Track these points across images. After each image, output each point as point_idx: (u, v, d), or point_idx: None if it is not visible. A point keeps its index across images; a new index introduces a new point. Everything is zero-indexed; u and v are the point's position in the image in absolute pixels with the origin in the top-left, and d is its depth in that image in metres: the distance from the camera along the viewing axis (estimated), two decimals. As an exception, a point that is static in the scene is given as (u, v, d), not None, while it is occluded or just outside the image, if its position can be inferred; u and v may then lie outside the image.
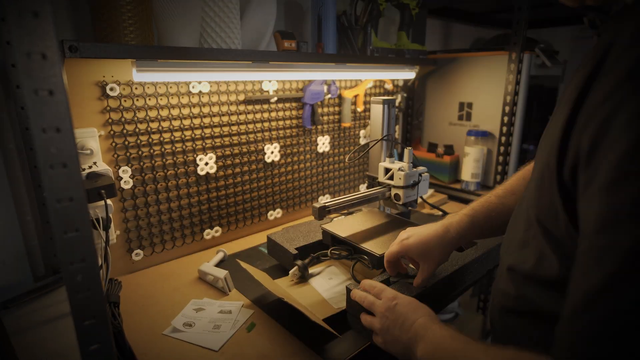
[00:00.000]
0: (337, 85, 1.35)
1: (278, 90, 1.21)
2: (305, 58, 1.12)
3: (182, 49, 0.87)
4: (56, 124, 0.37)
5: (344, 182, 1.52)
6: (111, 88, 0.91)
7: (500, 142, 1.38)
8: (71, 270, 0.40)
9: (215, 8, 0.93)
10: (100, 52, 0.76)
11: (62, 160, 0.38)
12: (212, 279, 0.93)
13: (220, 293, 0.91)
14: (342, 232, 0.94)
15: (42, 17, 0.35)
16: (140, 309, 0.85)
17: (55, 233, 0.39)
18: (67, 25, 0.92)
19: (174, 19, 0.86)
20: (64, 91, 0.37)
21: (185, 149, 1.06)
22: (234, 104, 1.13)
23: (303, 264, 0.91)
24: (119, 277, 0.96)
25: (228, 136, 1.14)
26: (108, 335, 0.44)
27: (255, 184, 1.24)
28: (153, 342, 0.74)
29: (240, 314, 0.82)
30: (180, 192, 1.07)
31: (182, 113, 1.03)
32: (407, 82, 1.66)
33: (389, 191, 1.03)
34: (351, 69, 1.28)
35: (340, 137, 1.45)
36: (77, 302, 0.41)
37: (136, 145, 0.98)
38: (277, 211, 1.32)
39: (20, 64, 0.35)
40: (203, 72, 0.96)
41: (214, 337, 0.75)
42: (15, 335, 0.75)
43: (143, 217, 1.02)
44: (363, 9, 1.29)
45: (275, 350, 0.72)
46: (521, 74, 1.31)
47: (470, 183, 1.53)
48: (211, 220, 1.16)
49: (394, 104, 1.11)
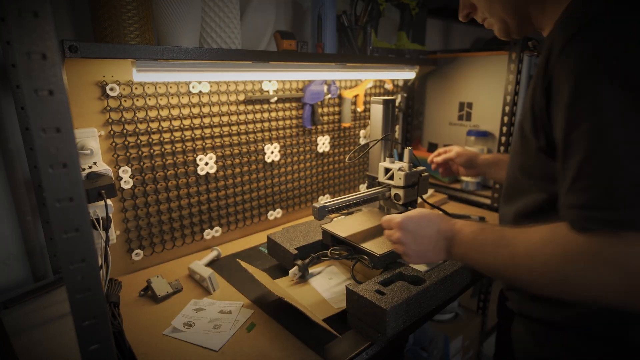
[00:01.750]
0: (337, 85, 1.35)
1: (278, 90, 1.21)
2: (305, 58, 1.12)
3: (182, 49, 0.87)
4: (56, 124, 0.37)
5: (343, 182, 1.52)
6: (111, 88, 0.91)
7: (500, 142, 1.38)
8: (71, 270, 0.40)
9: (215, 8, 0.93)
10: (100, 52, 0.76)
11: (62, 160, 0.38)
12: (199, 278, 0.94)
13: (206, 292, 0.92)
14: (342, 232, 0.94)
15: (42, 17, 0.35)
16: (140, 309, 0.85)
17: (55, 233, 0.39)
18: (67, 25, 0.92)
19: (174, 19, 0.86)
20: (64, 91, 0.37)
21: (185, 149, 1.06)
22: (234, 104, 1.13)
23: (303, 264, 0.91)
24: (119, 277, 0.96)
25: (228, 136, 1.14)
26: (108, 335, 0.44)
27: (255, 184, 1.24)
28: (153, 342, 0.74)
29: (240, 314, 0.82)
30: (180, 192, 1.07)
31: (182, 113, 1.03)
32: (407, 82, 1.65)
33: (389, 191, 1.03)
34: (351, 69, 1.28)
35: (340, 137, 1.45)
36: (77, 302, 0.41)
37: (136, 145, 0.98)
38: (277, 211, 1.32)
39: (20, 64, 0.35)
40: (203, 72, 0.96)
41: (214, 337, 0.75)
42: (15, 335, 0.75)
43: (143, 217, 1.02)
44: (363, 9, 1.29)
45: (275, 350, 0.72)
46: (521, 74, 1.31)
47: (470, 183, 1.53)
48: (211, 220, 1.16)
49: (394, 103, 1.11)
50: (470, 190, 1.53)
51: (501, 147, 1.37)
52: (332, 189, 1.48)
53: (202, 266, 0.97)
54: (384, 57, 1.35)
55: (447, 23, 2.06)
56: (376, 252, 0.84)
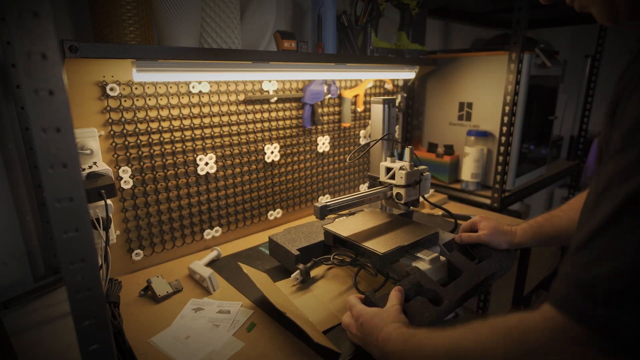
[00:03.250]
0: (337, 85, 1.35)
1: (278, 90, 1.21)
2: (305, 58, 1.12)
3: (182, 49, 0.87)
4: (56, 124, 0.37)
5: (344, 182, 1.52)
6: (111, 88, 0.91)
7: (500, 142, 1.38)
8: (71, 270, 0.40)
9: (216, 8, 0.93)
10: (100, 52, 0.76)
11: (62, 160, 0.38)
12: (199, 278, 0.94)
13: (206, 292, 0.92)
14: (344, 232, 0.94)
15: (42, 17, 0.35)
16: (140, 309, 0.85)
17: (55, 233, 0.39)
18: (67, 25, 0.92)
19: (174, 19, 0.86)
20: (64, 91, 0.37)
21: (185, 149, 1.06)
22: (234, 104, 1.13)
23: (305, 268, 0.91)
24: (119, 277, 0.96)
25: (228, 136, 1.14)
26: (108, 335, 0.44)
27: (255, 184, 1.24)
28: (153, 342, 0.74)
29: (240, 314, 0.82)
30: (180, 192, 1.07)
31: (182, 113, 1.03)
32: (407, 82, 1.65)
33: (390, 190, 1.03)
34: (351, 69, 1.28)
35: (340, 137, 1.45)
36: (77, 302, 0.41)
37: (136, 145, 0.98)
38: (277, 211, 1.32)
39: (20, 64, 0.35)
40: (203, 72, 0.96)
41: (214, 336, 0.75)
42: (15, 335, 0.75)
43: (143, 217, 1.02)
44: (363, 9, 1.29)
45: (275, 350, 0.72)
46: (521, 74, 1.31)
47: (470, 183, 1.53)
48: (211, 220, 1.16)
49: (394, 103, 1.11)
50: (470, 190, 1.53)
51: (501, 146, 1.37)
52: (332, 189, 1.48)
53: (202, 266, 0.97)
54: (384, 57, 1.35)
55: (447, 23, 2.07)
56: (379, 251, 0.84)
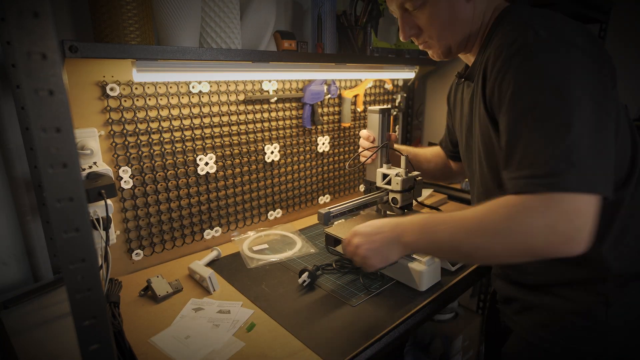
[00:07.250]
0: (337, 85, 1.35)
1: (278, 90, 1.21)
2: (305, 58, 1.12)
3: (182, 49, 0.87)
4: (56, 124, 0.37)
5: (343, 182, 1.52)
6: (111, 88, 0.91)
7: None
8: (71, 270, 0.40)
9: (215, 8, 0.93)
10: (100, 52, 0.76)
11: (62, 160, 0.38)
12: (199, 278, 0.94)
13: (206, 292, 0.92)
14: (344, 234, 0.96)
15: (42, 17, 0.34)
16: (140, 309, 0.85)
17: (55, 233, 0.39)
18: (67, 25, 0.92)
19: (174, 19, 0.86)
20: (64, 91, 0.37)
21: (185, 149, 1.06)
22: (234, 104, 1.13)
23: (314, 270, 0.93)
24: (119, 277, 0.96)
25: (228, 136, 1.14)
26: (108, 335, 0.44)
27: (255, 184, 1.24)
28: (153, 342, 0.74)
29: (240, 313, 0.82)
30: (180, 192, 1.07)
31: (182, 113, 1.03)
32: (407, 82, 1.65)
33: (387, 195, 1.07)
34: (351, 69, 1.28)
35: (340, 137, 1.45)
36: (77, 302, 0.41)
37: (136, 145, 0.97)
38: (277, 211, 1.32)
39: (20, 64, 0.35)
40: (203, 72, 0.96)
41: (214, 336, 0.75)
42: (15, 335, 0.75)
43: (143, 217, 1.02)
44: (363, 9, 1.28)
45: (275, 350, 0.72)
46: (521, 74, 1.31)
47: (470, 183, 1.53)
48: (211, 220, 1.16)
49: (390, 112, 1.12)
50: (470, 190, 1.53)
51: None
52: (332, 189, 1.48)
53: (202, 266, 0.97)
54: (383, 57, 1.34)
55: (447, 23, 2.06)
56: None
